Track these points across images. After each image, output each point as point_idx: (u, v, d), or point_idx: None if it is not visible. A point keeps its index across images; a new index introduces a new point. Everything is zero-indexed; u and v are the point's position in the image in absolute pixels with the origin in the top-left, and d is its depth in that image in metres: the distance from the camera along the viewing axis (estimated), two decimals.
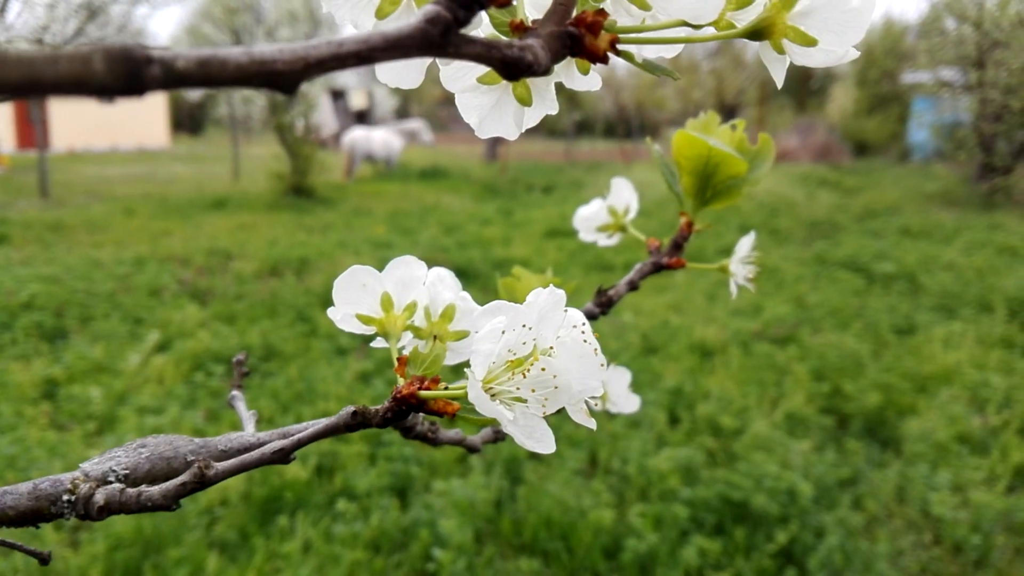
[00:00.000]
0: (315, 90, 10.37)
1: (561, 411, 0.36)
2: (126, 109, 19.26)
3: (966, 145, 10.18)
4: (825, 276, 5.42)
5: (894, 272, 5.47)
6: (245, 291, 4.78)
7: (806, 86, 26.41)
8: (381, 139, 12.56)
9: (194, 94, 11.29)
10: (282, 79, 0.19)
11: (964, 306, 4.64)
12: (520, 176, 12.63)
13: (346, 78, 18.47)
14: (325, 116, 16.52)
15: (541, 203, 9.38)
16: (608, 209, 0.59)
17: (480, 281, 4.97)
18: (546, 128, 27.79)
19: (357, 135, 12.24)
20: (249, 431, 0.40)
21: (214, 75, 0.17)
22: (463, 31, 0.22)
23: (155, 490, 0.32)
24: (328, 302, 0.40)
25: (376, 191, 10.61)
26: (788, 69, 0.33)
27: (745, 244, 0.55)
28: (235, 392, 0.48)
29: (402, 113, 28.47)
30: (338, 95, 20.10)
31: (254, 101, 10.42)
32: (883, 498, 2.51)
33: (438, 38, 0.21)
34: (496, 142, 16.29)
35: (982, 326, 4.25)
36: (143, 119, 19.90)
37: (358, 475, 2.53)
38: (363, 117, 21.80)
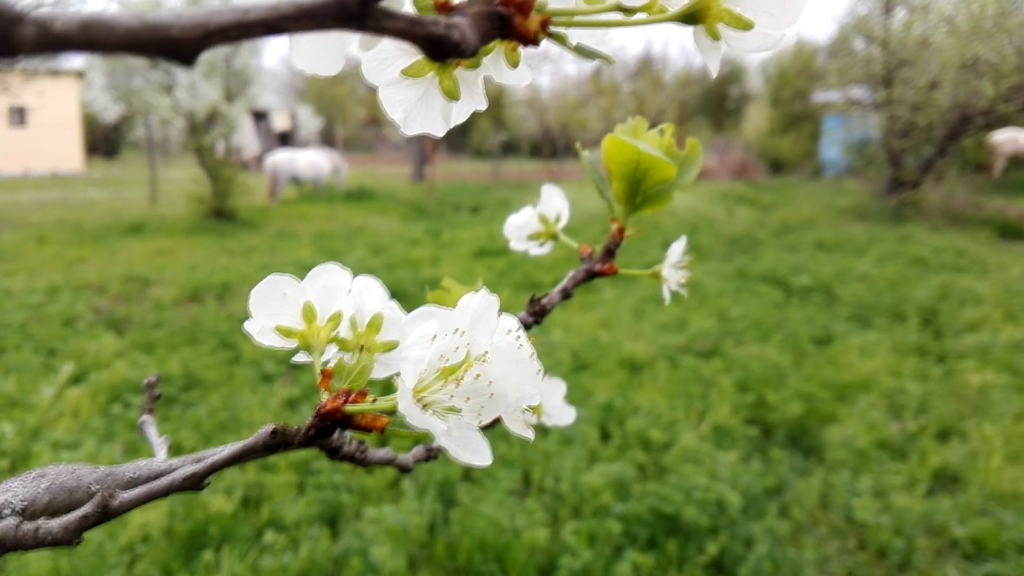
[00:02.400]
0: (236, 111, 10.16)
1: (494, 431, 0.34)
2: (39, 133, 18.54)
3: (876, 161, 10.64)
4: (746, 290, 5.56)
5: (811, 284, 5.64)
6: (164, 318, 4.62)
7: (722, 106, 27.23)
8: (307, 160, 12.38)
9: (109, 116, 10.80)
10: (178, 47, 0.17)
11: (878, 316, 4.82)
12: (447, 196, 12.62)
13: (268, 99, 18.19)
14: (247, 138, 16.22)
15: (469, 223, 9.38)
16: (539, 217, 0.59)
17: (409, 302, 4.84)
18: (472, 149, 27.96)
19: (280, 157, 12.05)
20: (160, 457, 0.37)
21: (99, 39, 0.15)
22: (385, 5, 0.20)
23: (55, 523, 0.29)
24: None
25: (301, 213, 10.45)
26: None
27: (676, 249, 0.55)
28: (145, 417, 0.45)
29: (326, 134, 28.17)
30: (260, 116, 19.77)
31: (172, 123, 10.14)
32: (808, 505, 2.56)
33: (356, 9, 0.19)
34: (423, 162, 16.25)
35: (896, 335, 4.42)
36: (56, 143, 19.14)
37: (286, 505, 2.45)
38: (286, 139, 21.50)
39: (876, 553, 2.31)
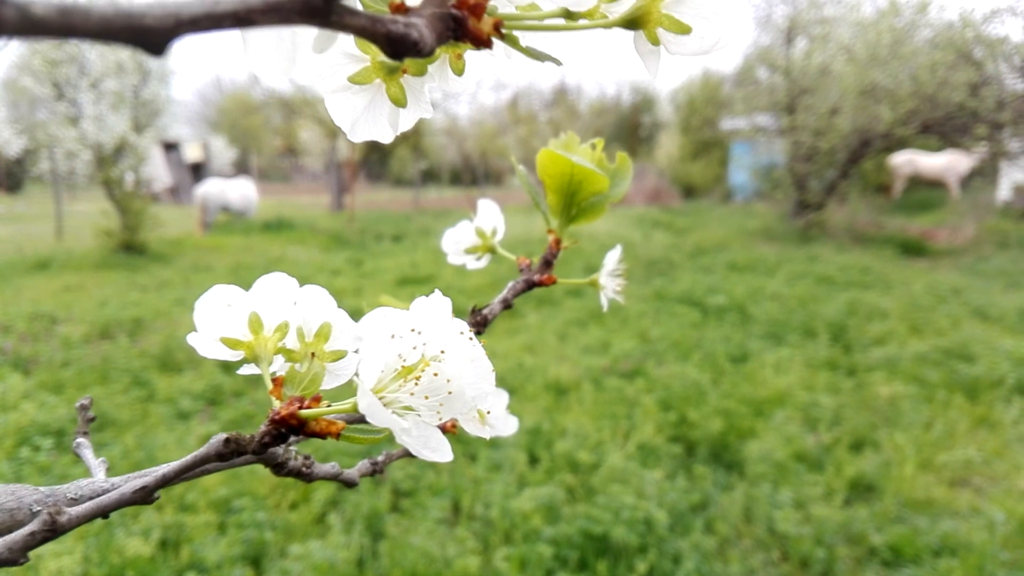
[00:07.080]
0: (145, 142, 9.86)
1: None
2: None
3: (782, 184, 11.07)
4: (665, 311, 5.68)
5: (726, 304, 5.80)
6: (73, 357, 4.42)
7: (636, 134, 27.93)
8: (237, 189, 12.22)
9: (13, 149, 10.30)
10: (151, 36, 0.17)
11: (790, 333, 4.99)
12: (368, 225, 12.50)
13: (180, 130, 17.75)
14: (157, 169, 15.76)
15: (391, 252, 9.32)
16: (476, 230, 0.59)
17: None
18: (392, 177, 27.85)
19: (210, 187, 11.86)
20: (100, 477, 0.36)
21: (76, 26, 0.16)
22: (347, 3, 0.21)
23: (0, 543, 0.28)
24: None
25: (216, 245, 10.18)
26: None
27: (612, 257, 0.56)
28: (80, 439, 0.43)
29: (241, 165, 27.62)
30: (171, 147, 19.23)
31: (79, 155, 9.76)
32: (732, 519, 2.61)
33: (321, 5, 0.20)
34: (342, 191, 16.07)
35: (808, 350, 4.58)
36: None
37: (207, 546, 2.37)
38: (199, 170, 20.97)
39: (799, 563, 2.37)
